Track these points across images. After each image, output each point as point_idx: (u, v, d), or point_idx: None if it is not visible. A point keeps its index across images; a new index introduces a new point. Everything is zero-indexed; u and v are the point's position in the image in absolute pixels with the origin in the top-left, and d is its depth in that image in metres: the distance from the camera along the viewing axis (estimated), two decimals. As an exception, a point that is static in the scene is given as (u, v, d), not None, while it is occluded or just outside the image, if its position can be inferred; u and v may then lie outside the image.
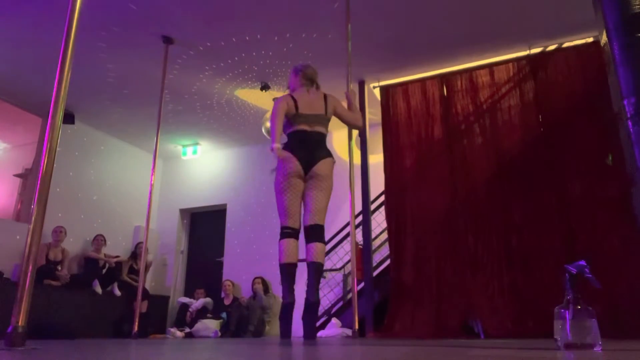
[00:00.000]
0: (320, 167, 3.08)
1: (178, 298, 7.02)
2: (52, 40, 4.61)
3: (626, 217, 3.99)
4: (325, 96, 3.31)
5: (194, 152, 7.49)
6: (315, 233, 3.00)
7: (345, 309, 5.34)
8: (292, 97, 3.22)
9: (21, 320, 1.66)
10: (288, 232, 3.05)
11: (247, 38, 4.76)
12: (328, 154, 3.18)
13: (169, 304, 7.19)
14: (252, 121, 6.53)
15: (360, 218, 5.12)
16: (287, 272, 2.98)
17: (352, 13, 3.91)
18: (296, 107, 3.19)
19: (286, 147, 3.13)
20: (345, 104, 3.46)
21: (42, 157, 1.88)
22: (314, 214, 3.03)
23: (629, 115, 2.11)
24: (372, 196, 5.33)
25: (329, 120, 3.28)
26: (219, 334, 5.93)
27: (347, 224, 4.95)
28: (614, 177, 4.14)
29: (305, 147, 3.13)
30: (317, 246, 2.95)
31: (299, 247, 3.05)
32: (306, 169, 3.08)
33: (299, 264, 3.06)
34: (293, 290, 2.96)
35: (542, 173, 4.48)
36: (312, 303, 2.85)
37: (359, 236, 5.05)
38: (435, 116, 5.11)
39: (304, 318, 2.89)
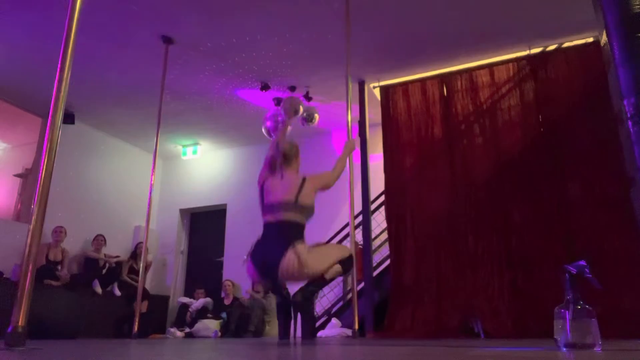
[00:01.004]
0: (283, 275, 2.62)
1: (178, 298, 7.02)
2: (52, 40, 4.61)
3: (626, 217, 3.98)
4: (303, 180, 2.81)
5: (194, 152, 7.49)
6: None
7: (345, 309, 5.34)
8: (263, 176, 2.93)
9: (21, 320, 1.66)
10: None
11: (247, 38, 4.76)
12: (288, 246, 2.61)
13: (169, 304, 7.19)
14: (252, 121, 6.52)
15: (360, 218, 5.12)
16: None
17: (352, 13, 3.91)
18: (262, 194, 2.87)
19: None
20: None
21: (42, 157, 1.88)
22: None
23: (629, 115, 2.11)
24: (372, 196, 5.33)
25: (302, 207, 2.75)
26: (219, 334, 5.93)
27: (347, 224, 4.95)
28: (614, 177, 4.14)
29: (262, 248, 2.73)
30: None
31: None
32: (269, 275, 2.69)
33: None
34: (287, 290, 2.95)
35: (542, 173, 4.48)
36: (292, 303, 2.84)
37: (359, 236, 5.05)
38: (435, 116, 5.11)
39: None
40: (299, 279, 2.72)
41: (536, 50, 4.88)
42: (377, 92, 5.59)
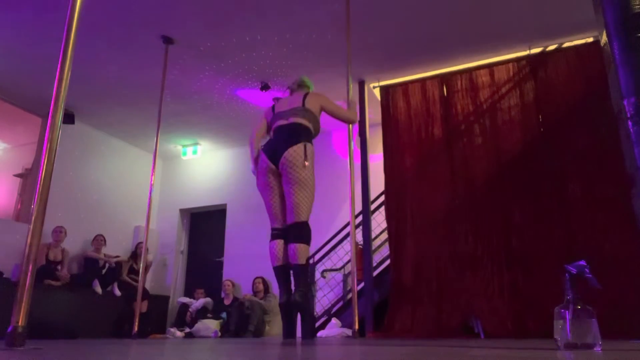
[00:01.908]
0: (285, 157, 2.91)
1: (178, 298, 7.02)
2: (52, 40, 4.61)
3: (626, 217, 3.99)
4: (306, 93, 3.23)
5: (194, 152, 7.49)
6: (293, 232, 2.93)
7: (345, 309, 5.34)
8: (272, 106, 3.29)
9: (21, 320, 1.66)
10: (275, 233, 3.06)
11: (247, 38, 4.76)
12: (298, 140, 2.95)
13: (169, 304, 7.19)
14: (252, 121, 6.51)
15: (360, 218, 5.12)
16: (278, 274, 3.00)
17: (352, 13, 3.91)
18: (273, 111, 3.23)
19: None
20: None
21: (42, 157, 1.88)
22: (290, 211, 2.94)
23: (629, 115, 2.10)
24: (372, 196, 5.33)
25: (308, 111, 3.12)
26: (219, 334, 5.93)
27: (347, 224, 4.95)
28: (614, 177, 4.14)
29: (275, 139, 3.06)
30: (294, 248, 2.89)
31: None
32: (275, 162, 2.97)
33: None
34: (289, 290, 2.96)
35: (542, 173, 4.48)
36: (291, 303, 2.85)
37: (359, 236, 5.05)
38: (435, 116, 5.11)
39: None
40: (294, 172, 2.88)
41: (536, 50, 4.88)
42: (377, 92, 5.59)
